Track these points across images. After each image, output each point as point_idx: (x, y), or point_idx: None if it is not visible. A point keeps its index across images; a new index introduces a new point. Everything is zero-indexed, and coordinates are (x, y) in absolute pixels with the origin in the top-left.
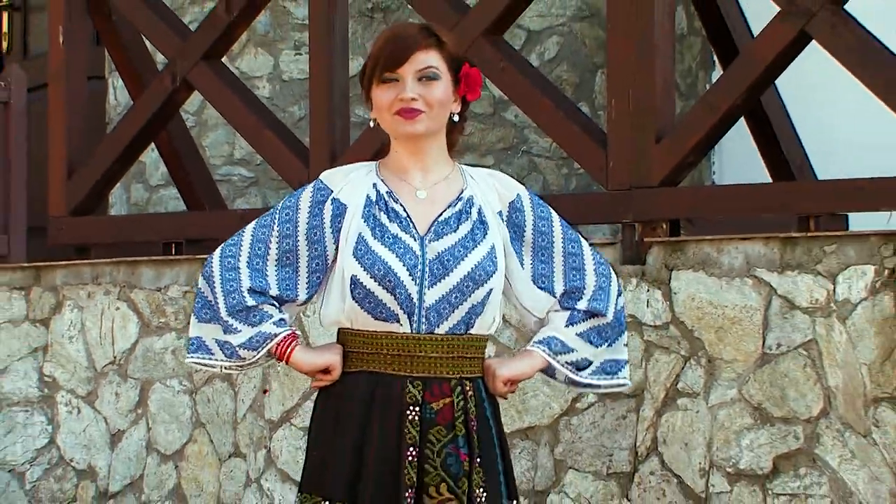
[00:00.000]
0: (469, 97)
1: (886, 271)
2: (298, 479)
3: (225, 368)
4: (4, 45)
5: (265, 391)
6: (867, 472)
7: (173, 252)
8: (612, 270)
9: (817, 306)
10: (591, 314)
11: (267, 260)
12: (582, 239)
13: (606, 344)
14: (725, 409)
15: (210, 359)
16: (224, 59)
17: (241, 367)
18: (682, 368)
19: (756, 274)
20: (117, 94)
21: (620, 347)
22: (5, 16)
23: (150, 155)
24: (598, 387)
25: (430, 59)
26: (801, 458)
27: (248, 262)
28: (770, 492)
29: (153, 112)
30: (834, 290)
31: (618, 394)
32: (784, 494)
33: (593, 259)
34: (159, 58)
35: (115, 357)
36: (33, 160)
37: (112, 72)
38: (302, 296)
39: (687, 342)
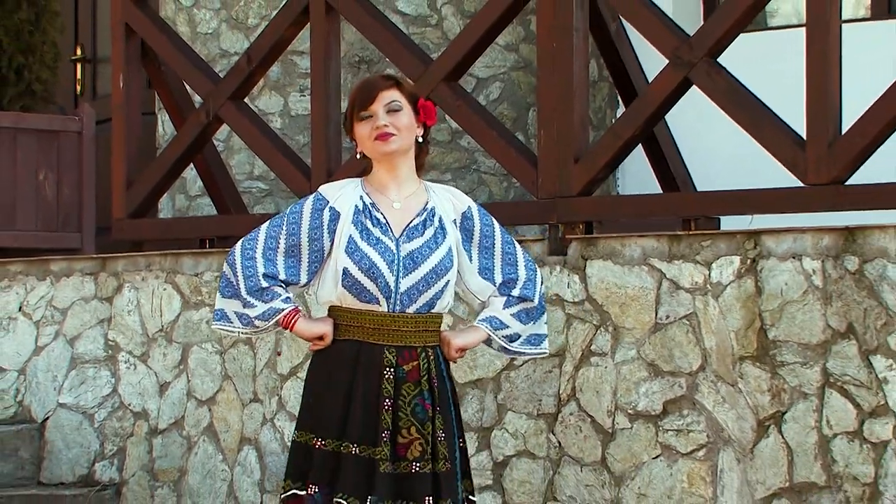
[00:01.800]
0: (428, 123)
1: (749, 261)
2: None
3: (242, 334)
4: (78, 88)
5: (278, 353)
6: (734, 413)
7: (207, 246)
8: (537, 266)
9: (696, 287)
10: (521, 299)
11: (277, 252)
12: (516, 242)
13: (532, 322)
14: (627, 365)
15: (230, 326)
16: (246, 100)
17: (255, 332)
18: (595, 334)
19: (650, 262)
20: (164, 126)
21: (542, 325)
22: (79, 66)
23: (190, 172)
24: (524, 353)
25: (393, 95)
26: (684, 402)
27: (262, 253)
28: (661, 428)
29: (192, 139)
30: (709, 275)
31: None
32: (671, 430)
33: (524, 257)
34: (196, 98)
35: (162, 326)
36: (100, 176)
37: (160, 108)
38: (303, 280)
39: (598, 314)
